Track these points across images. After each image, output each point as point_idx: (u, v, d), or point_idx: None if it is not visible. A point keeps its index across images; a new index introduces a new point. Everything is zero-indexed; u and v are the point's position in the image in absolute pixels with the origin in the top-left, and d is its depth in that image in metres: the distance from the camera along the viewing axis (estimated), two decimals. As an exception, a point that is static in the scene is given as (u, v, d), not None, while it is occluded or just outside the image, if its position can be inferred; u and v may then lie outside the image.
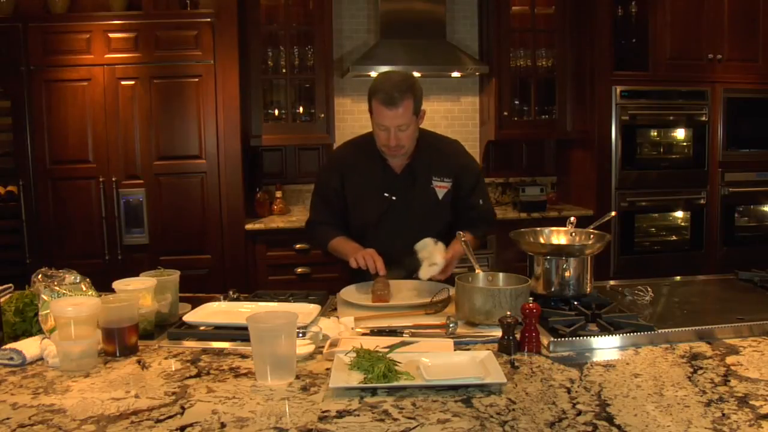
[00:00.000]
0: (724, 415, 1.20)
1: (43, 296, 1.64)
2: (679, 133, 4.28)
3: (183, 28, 3.66)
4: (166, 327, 1.77)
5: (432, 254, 2.06)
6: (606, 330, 1.66)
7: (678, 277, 2.42)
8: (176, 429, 1.18)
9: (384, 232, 2.26)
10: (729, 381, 1.37)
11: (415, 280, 2.16)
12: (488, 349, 1.52)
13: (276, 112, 4.23)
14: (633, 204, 4.19)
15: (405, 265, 2.15)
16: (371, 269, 2.09)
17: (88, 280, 1.77)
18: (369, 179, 2.29)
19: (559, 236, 2.12)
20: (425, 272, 2.07)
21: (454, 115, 4.60)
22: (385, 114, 2.11)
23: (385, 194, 2.27)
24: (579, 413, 1.22)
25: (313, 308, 1.82)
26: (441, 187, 2.29)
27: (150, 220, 3.69)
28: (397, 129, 2.13)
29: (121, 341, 1.58)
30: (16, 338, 1.66)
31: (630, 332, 1.63)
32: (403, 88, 2.10)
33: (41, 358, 1.55)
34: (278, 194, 4.23)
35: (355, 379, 1.35)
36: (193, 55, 3.66)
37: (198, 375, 1.45)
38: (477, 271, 1.92)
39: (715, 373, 1.41)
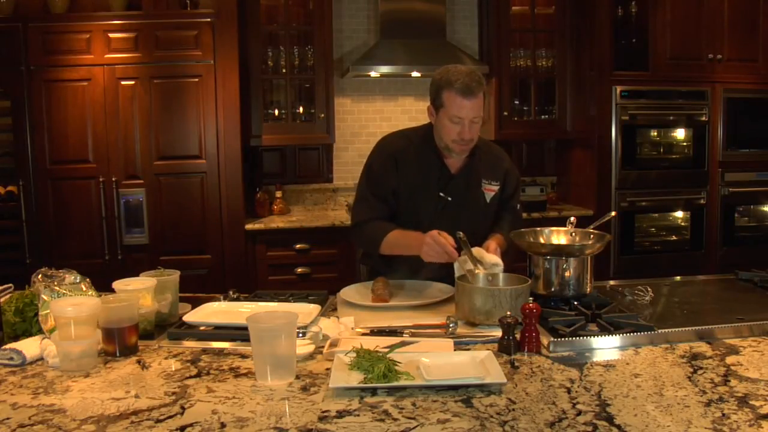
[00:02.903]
0: (724, 415, 1.20)
1: (43, 296, 1.64)
2: (679, 133, 4.28)
3: (183, 28, 3.66)
4: (166, 327, 1.77)
5: (483, 258, 1.95)
6: (606, 330, 1.66)
7: (678, 277, 2.42)
8: (176, 429, 1.18)
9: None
10: (729, 381, 1.37)
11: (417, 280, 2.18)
12: (488, 349, 1.52)
13: (276, 112, 4.23)
14: (633, 204, 4.19)
15: (443, 268, 2.05)
16: (445, 255, 1.92)
17: (88, 280, 1.77)
18: (426, 177, 2.20)
19: (559, 236, 2.12)
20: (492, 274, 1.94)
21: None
22: (464, 105, 2.04)
23: (441, 194, 2.20)
24: (579, 413, 1.22)
25: (313, 308, 1.82)
26: (489, 190, 2.27)
27: (150, 220, 3.69)
28: (472, 121, 2.07)
29: (121, 341, 1.58)
30: (16, 338, 1.66)
31: (630, 332, 1.63)
32: (477, 78, 2.06)
33: (41, 358, 1.55)
34: (278, 194, 4.23)
35: (355, 379, 1.35)
36: (193, 55, 3.66)
37: (198, 375, 1.45)
38: (477, 271, 1.92)
39: (715, 373, 1.41)
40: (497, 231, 2.22)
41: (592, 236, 2.05)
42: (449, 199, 2.20)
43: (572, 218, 2.10)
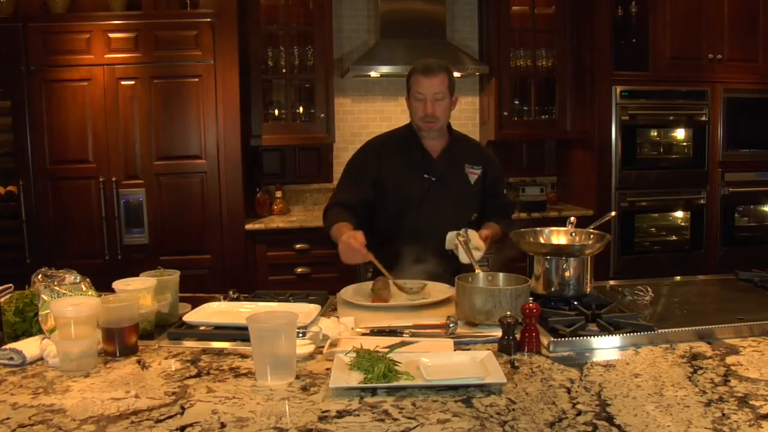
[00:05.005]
0: (724, 415, 1.20)
1: (43, 296, 1.64)
2: (679, 133, 4.28)
3: (183, 28, 3.66)
4: (166, 327, 1.77)
5: (471, 239, 2.10)
6: (606, 330, 1.66)
7: (678, 277, 2.42)
8: (176, 429, 1.18)
9: (423, 212, 2.35)
10: (729, 381, 1.37)
11: (420, 279, 2.17)
12: (488, 349, 1.52)
13: (276, 112, 4.23)
14: (633, 204, 4.19)
15: (437, 247, 2.20)
16: (356, 256, 2.05)
17: (88, 280, 1.76)
18: (408, 161, 2.40)
19: (559, 236, 2.12)
20: (468, 258, 2.06)
21: (455, 115, 4.50)
22: (423, 82, 2.30)
23: (425, 176, 2.37)
24: (579, 413, 1.22)
25: (313, 308, 1.82)
26: (472, 174, 2.44)
27: (150, 220, 3.69)
28: (434, 98, 2.29)
29: (121, 341, 1.58)
30: (16, 338, 1.66)
31: (630, 332, 1.63)
32: (440, 64, 2.34)
33: (41, 358, 1.55)
34: (278, 194, 4.23)
35: (355, 379, 1.35)
36: (193, 55, 3.66)
37: (198, 375, 1.45)
38: (477, 271, 1.92)
39: (715, 373, 1.41)
40: (491, 220, 2.39)
41: (592, 236, 2.05)
42: (433, 179, 2.37)
43: (572, 218, 2.10)
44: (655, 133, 4.27)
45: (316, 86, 4.08)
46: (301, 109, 4.22)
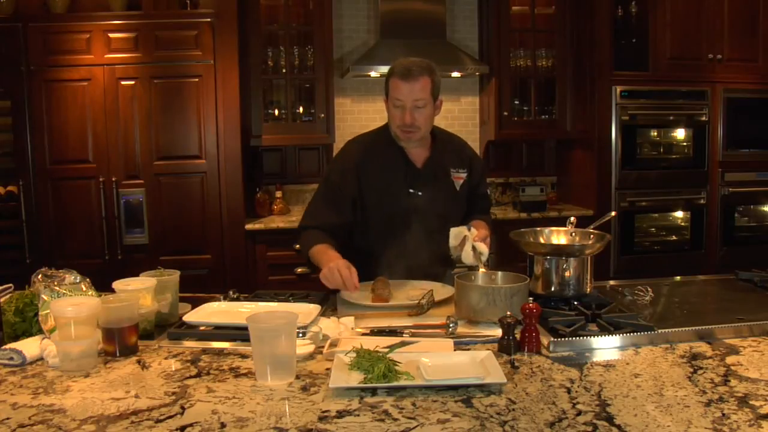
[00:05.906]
0: (724, 415, 1.20)
1: (43, 296, 1.64)
2: (679, 133, 4.28)
3: (183, 28, 3.66)
4: (166, 327, 1.77)
5: (472, 240, 2.02)
6: (606, 330, 1.66)
7: (678, 277, 2.42)
8: (176, 429, 1.18)
9: (410, 230, 2.17)
10: (729, 381, 1.37)
11: (413, 280, 2.17)
12: (488, 349, 1.52)
13: (276, 112, 4.23)
14: (633, 204, 4.19)
15: (429, 260, 2.13)
16: (343, 287, 1.95)
17: (88, 280, 1.76)
18: (392, 176, 2.20)
19: (559, 236, 2.12)
20: (473, 258, 1.99)
21: (454, 115, 4.60)
22: (402, 88, 2.09)
23: (411, 190, 2.20)
24: (579, 413, 1.22)
25: (313, 308, 1.82)
26: (458, 178, 2.28)
27: (150, 220, 3.69)
28: (414, 106, 2.10)
29: (121, 341, 1.58)
30: (16, 338, 1.66)
31: (630, 332, 1.63)
32: (422, 65, 2.11)
33: (41, 358, 1.55)
34: (278, 194, 4.23)
35: (355, 379, 1.35)
36: (193, 55, 3.66)
37: (198, 375, 1.45)
38: (482, 269, 1.91)
39: (715, 373, 1.41)
40: (476, 218, 2.25)
41: (592, 236, 2.05)
42: (419, 194, 2.20)
43: (572, 218, 2.10)
44: (655, 133, 4.27)
45: (316, 86, 4.08)
46: (301, 109, 4.22)
